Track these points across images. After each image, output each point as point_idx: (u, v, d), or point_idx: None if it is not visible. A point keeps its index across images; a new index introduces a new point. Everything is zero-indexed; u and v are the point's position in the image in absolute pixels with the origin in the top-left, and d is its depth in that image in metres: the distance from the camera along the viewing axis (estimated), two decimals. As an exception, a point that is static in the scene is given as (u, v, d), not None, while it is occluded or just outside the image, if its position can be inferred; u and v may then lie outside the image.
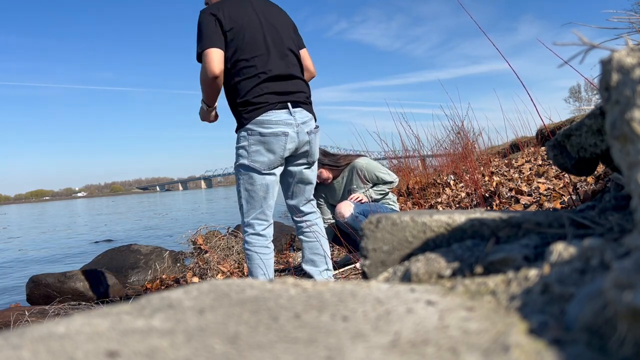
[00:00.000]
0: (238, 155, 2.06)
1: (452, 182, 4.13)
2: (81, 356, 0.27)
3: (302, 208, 2.27)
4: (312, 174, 2.24)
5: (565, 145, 0.70)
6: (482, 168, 3.86)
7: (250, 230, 2.06)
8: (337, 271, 2.96)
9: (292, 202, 2.27)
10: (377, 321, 0.35)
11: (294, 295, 0.41)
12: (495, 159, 4.96)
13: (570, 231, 0.52)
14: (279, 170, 2.10)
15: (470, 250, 0.52)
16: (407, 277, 0.51)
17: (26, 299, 3.94)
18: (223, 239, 3.91)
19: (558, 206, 2.18)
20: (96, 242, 8.80)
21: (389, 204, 3.23)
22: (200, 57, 1.95)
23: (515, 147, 5.31)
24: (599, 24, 1.35)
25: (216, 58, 1.91)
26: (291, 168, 2.16)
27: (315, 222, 2.29)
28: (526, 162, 3.78)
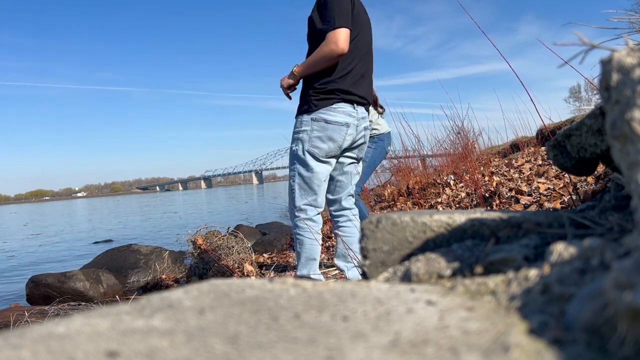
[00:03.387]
0: (297, 140, 2.09)
1: (452, 182, 4.13)
2: (81, 356, 0.27)
3: (343, 203, 2.27)
4: (357, 169, 2.28)
5: (565, 145, 0.70)
6: (482, 168, 3.86)
7: (302, 215, 2.08)
8: (336, 270, 2.96)
9: (332, 196, 2.28)
10: (377, 321, 0.35)
11: (294, 295, 0.41)
12: (495, 159, 4.96)
13: (570, 231, 0.52)
14: (334, 161, 2.13)
15: (470, 250, 0.52)
16: (407, 277, 0.51)
17: (26, 299, 3.94)
18: (223, 238, 3.90)
19: (558, 206, 2.18)
20: (96, 242, 8.81)
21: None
22: (327, 30, 1.97)
23: (515, 147, 5.31)
24: (599, 24, 1.35)
25: (347, 38, 1.95)
26: (340, 160, 2.20)
27: (352, 218, 2.29)
28: (526, 162, 3.78)
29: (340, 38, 1.93)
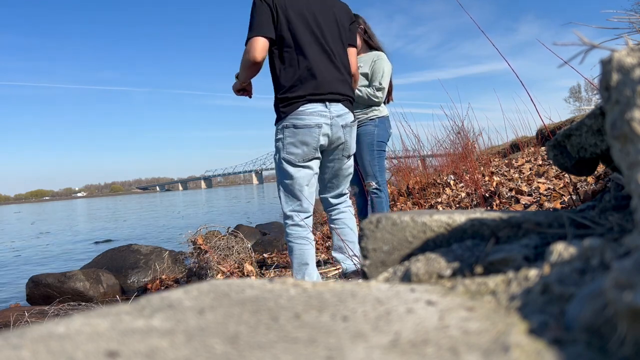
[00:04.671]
0: (276, 148, 2.11)
1: (452, 182, 4.13)
2: (81, 356, 0.27)
3: (331, 200, 2.29)
4: (347, 167, 2.25)
5: (565, 145, 0.70)
6: (482, 168, 3.86)
7: (289, 222, 2.10)
8: (335, 269, 2.96)
9: (324, 195, 2.29)
10: (377, 321, 0.35)
11: (294, 295, 0.41)
12: (495, 159, 4.96)
13: (570, 231, 0.52)
14: (315, 163, 2.12)
15: (470, 250, 0.52)
16: (407, 277, 0.51)
17: (26, 299, 3.94)
18: (223, 238, 3.91)
19: (558, 206, 2.18)
20: (96, 242, 8.81)
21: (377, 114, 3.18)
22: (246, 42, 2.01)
23: (515, 147, 5.31)
24: (599, 24, 1.35)
25: (260, 46, 1.97)
26: (326, 162, 2.19)
27: (344, 210, 2.30)
28: (526, 162, 3.78)
29: (252, 48, 1.96)
